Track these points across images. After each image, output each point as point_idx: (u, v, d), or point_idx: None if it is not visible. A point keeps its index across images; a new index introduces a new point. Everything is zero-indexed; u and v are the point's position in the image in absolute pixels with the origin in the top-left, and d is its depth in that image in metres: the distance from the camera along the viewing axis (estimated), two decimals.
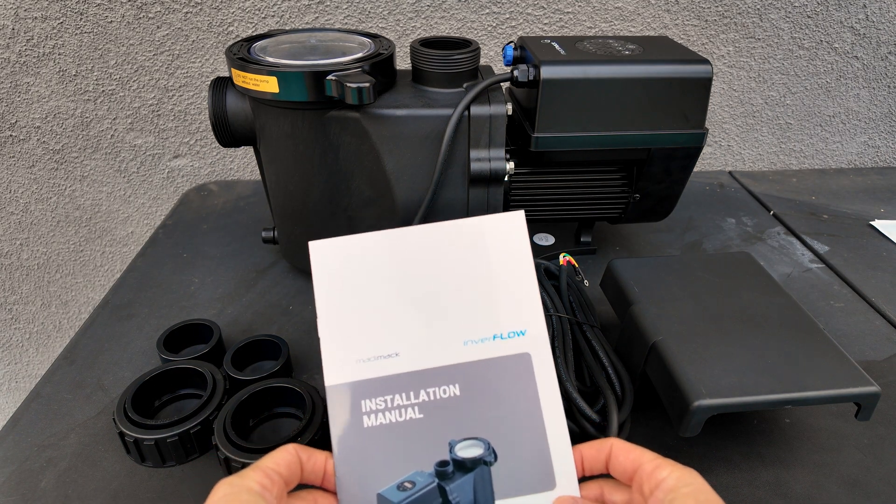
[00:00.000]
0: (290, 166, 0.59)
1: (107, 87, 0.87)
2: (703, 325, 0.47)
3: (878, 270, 0.71)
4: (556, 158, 0.63)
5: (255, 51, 0.57)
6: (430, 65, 0.58)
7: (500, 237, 0.37)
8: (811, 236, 0.79)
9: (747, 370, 0.43)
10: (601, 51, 0.60)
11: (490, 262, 0.37)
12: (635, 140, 0.60)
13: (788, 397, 0.41)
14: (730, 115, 0.97)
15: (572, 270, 0.58)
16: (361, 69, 0.53)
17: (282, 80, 0.52)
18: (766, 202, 0.87)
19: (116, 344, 0.59)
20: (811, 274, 0.71)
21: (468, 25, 0.87)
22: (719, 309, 0.49)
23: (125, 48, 0.84)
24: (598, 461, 0.35)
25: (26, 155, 0.88)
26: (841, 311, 0.64)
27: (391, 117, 0.56)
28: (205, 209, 0.84)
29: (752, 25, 0.89)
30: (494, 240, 0.37)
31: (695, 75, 0.57)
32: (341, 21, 0.85)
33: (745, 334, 0.46)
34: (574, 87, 0.57)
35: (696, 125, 0.60)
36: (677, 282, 0.52)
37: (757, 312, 0.49)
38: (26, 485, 0.44)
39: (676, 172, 0.64)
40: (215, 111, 0.58)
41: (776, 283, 0.53)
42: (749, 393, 0.41)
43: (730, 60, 0.92)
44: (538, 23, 0.87)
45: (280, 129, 0.57)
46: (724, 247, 0.76)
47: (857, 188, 0.93)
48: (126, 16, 0.82)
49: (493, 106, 0.57)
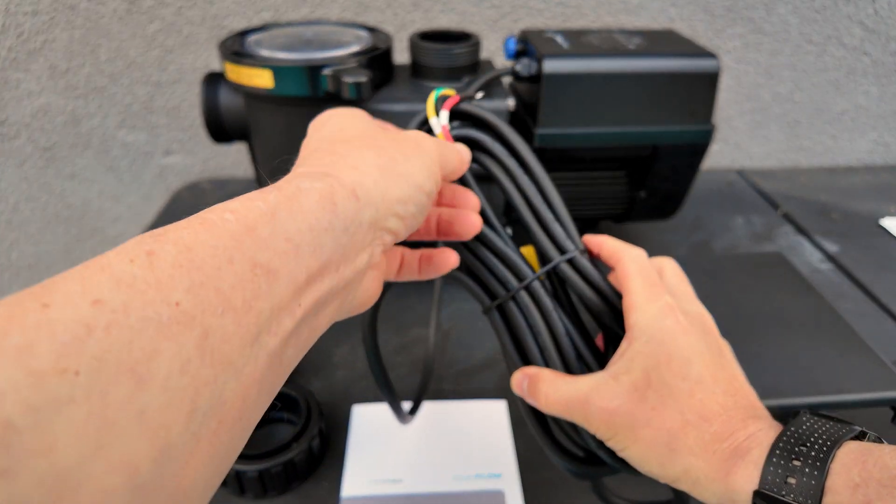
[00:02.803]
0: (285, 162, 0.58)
1: (98, 82, 0.85)
2: (736, 327, 0.46)
3: (888, 271, 0.70)
4: (559, 155, 0.61)
5: (248, 44, 0.56)
6: (430, 58, 0.56)
7: (489, 417, 0.50)
8: (821, 236, 0.77)
9: (781, 372, 0.42)
10: (605, 44, 0.58)
11: (479, 428, 0.49)
12: (641, 136, 0.58)
13: (824, 400, 0.40)
14: (738, 112, 0.95)
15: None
16: (358, 63, 0.52)
17: (276, 74, 0.51)
18: (776, 201, 0.86)
19: None
20: (821, 274, 0.69)
21: (469, 18, 0.85)
22: (752, 310, 0.48)
23: (117, 43, 0.82)
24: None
25: (16, 152, 0.86)
26: (851, 313, 0.62)
27: (389, 112, 0.54)
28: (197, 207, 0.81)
29: (760, 20, 0.87)
30: (483, 416, 0.50)
31: (702, 70, 0.56)
32: (337, 14, 0.83)
33: (778, 336, 0.46)
34: (578, 81, 0.55)
35: (704, 121, 0.58)
36: (708, 282, 0.52)
37: (790, 314, 0.48)
38: None
39: (683, 170, 0.62)
40: (208, 107, 0.57)
41: (808, 283, 0.52)
42: (783, 395, 0.40)
43: (737, 55, 0.90)
44: (540, 16, 0.85)
45: (275, 125, 0.55)
46: (732, 247, 0.75)
47: (868, 186, 0.91)
48: (118, 10, 0.80)
49: (494, 101, 0.55)
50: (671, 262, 0.35)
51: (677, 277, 0.34)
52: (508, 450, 0.47)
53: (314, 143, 0.28)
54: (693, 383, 0.28)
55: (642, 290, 0.31)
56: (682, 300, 0.33)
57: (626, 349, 0.30)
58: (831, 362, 0.43)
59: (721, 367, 0.30)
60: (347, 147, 0.26)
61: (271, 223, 0.20)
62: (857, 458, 0.23)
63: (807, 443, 0.24)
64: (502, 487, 0.44)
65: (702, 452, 0.26)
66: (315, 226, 0.22)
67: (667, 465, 0.28)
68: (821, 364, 0.43)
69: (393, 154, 0.26)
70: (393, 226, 0.26)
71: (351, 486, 0.44)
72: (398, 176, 0.26)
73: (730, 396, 0.28)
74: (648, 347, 0.29)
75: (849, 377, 0.42)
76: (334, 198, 0.23)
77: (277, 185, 0.23)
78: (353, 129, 0.28)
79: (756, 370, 0.42)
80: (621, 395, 0.29)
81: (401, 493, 0.44)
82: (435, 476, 0.45)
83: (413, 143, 0.28)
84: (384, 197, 0.25)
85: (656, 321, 0.30)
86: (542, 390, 0.32)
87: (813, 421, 0.26)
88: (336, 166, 0.25)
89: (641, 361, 0.29)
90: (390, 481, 0.45)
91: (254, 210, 0.21)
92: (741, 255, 0.57)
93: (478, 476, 0.45)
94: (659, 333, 0.30)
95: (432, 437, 0.48)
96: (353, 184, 0.24)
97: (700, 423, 0.27)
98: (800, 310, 0.49)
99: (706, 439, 0.27)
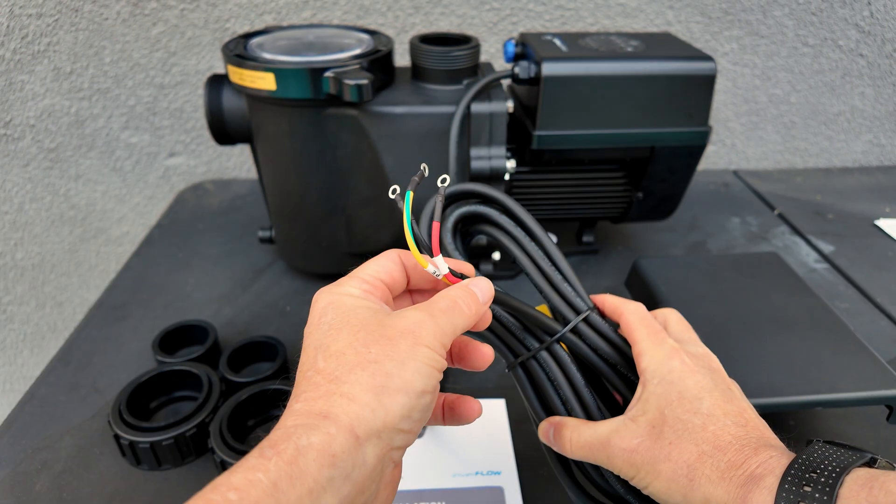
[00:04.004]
0: (288, 165, 0.58)
1: (102, 84, 0.86)
2: (732, 326, 0.47)
3: (883, 270, 0.70)
4: (557, 157, 0.62)
5: (251, 47, 0.57)
6: (430, 61, 0.57)
7: (489, 415, 0.51)
8: (816, 236, 0.78)
9: (777, 371, 0.43)
10: (603, 47, 0.59)
11: (479, 426, 0.49)
12: (638, 138, 0.59)
13: (819, 399, 0.41)
14: (734, 114, 0.96)
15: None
16: (360, 66, 0.52)
17: (279, 76, 0.51)
18: (771, 201, 0.86)
19: (111, 345, 0.58)
20: (816, 274, 0.70)
21: (468, 21, 0.86)
22: (748, 309, 0.49)
23: (120, 45, 0.83)
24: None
25: (21, 154, 0.87)
26: (846, 312, 0.63)
27: (390, 115, 0.55)
28: (201, 208, 0.83)
29: (757, 22, 0.88)
30: (483, 414, 0.50)
31: (698, 72, 0.56)
32: (339, 17, 0.84)
33: (774, 335, 0.46)
34: (576, 84, 0.56)
35: (700, 123, 0.59)
36: (705, 282, 0.52)
37: (786, 313, 0.49)
38: (21, 488, 0.44)
39: (680, 171, 0.63)
40: (211, 109, 0.57)
41: (804, 283, 0.52)
42: (780, 394, 0.41)
43: (734, 58, 0.91)
44: (540, 19, 0.86)
45: (277, 127, 0.56)
46: (729, 247, 0.75)
47: (863, 187, 0.92)
48: (121, 12, 0.81)
49: (493, 103, 0.56)
50: (674, 312, 0.38)
51: (681, 325, 0.37)
52: (508, 447, 0.48)
53: (309, 361, 0.27)
54: (705, 417, 0.30)
55: (648, 338, 0.34)
56: (687, 345, 0.35)
57: (641, 392, 0.33)
58: (827, 361, 0.44)
59: (730, 401, 0.31)
60: (341, 367, 0.25)
61: (274, 497, 0.21)
62: (865, 484, 0.24)
63: (817, 469, 0.26)
64: (501, 484, 0.45)
65: (719, 481, 0.28)
66: (314, 488, 0.22)
67: (689, 496, 0.29)
68: (817, 363, 0.43)
69: (388, 369, 0.25)
70: (399, 442, 0.26)
71: None
72: (396, 392, 0.25)
73: (741, 427, 0.30)
74: (661, 388, 0.32)
75: (844, 376, 0.42)
76: (332, 449, 0.23)
77: (275, 442, 0.23)
78: (346, 333, 0.27)
79: (752, 369, 0.43)
80: (640, 435, 0.31)
81: (401, 489, 0.44)
82: (435, 473, 0.46)
83: (410, 341, 0.26)
84: (385, 422, 0.24)
85: (664, 364, 0.33)
86: (566, 436, 0.34)
87: (825, 449, 0.27)
88: (332, 401, 0.24)
89: (655, 402, 0.32)
90: None
91: (256, 485, 0.21)
92: (737, 256, 0.57)
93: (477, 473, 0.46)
94: (669, 374, 0.32)
95: (432, 434, 0.49)
96: (351, 421, 0.24)
97: (715, 452, 0.29)
98: (796, 309, 0.49)
99: (722, 468, 0.28)
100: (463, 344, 0.33)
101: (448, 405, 0.33)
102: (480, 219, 0.37)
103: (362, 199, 0.59)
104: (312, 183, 0.59)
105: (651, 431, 0.31)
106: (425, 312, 0.28)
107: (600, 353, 0.36)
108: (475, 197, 0.37)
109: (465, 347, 0.33)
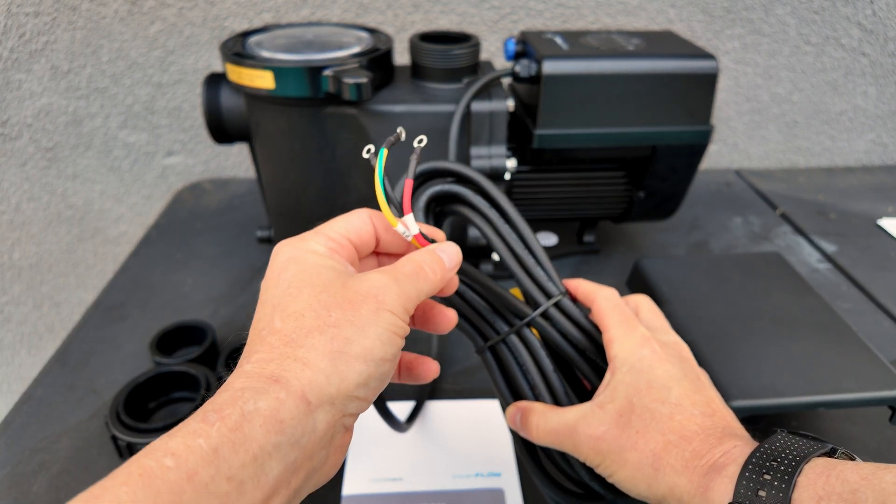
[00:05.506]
0: (286, 164, 0.58)
1: (99, 83, 0.85)
2: (734, 326, 0.47)
3: (886, 271, 0.70)
4: (558, 156, 0.61)
5: (250, 46, 0.56)
6: (430, 60, 0.56)
7: (488, 416, 0.50)
8: (819, 236, 0.77)
9: (780, 372, 0.42)
10: (604, 46, 0.58)
11: (478, 427, 0.49)
12: (639, 137, 0.59)
13: (822, 399, 0.41)
14: (736, 112, 0.96)
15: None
16: (359, 64, 0.52)
17: (277, 75, 0.51)
18: (774, 201, 0.86)
19: (108, 346, 0.58)
20: (819, 274, 0.70)
21: (468, 19, 0.85)
22: (750, 310, 0.49)
23: (118, 44, 0.83)
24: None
25: (18, 153, 0.86)
26: (849, 313, 0.63)
27: (389, 113, 0.55)
28: (199, 208, 0.83)
29: (759, 21, 0.87)
30: (483, 415, 0.51)
31: (700, 70, 0.56)
32: (338, 15, 0.83)
33: (776, 335, 0.46)
34: (577, 82, 0.55)
35: (702, 121, 0.58)
36: (707, 282, 0.52)
37: (788, 313, 0.48)
38: (18, 489, 0.44)
39: (682, 170, 0.63)
40: (209, 108, 0.57)
41: (807, 283, 0.52)
42: (782, 395, 0.41)
43: (736, 56, 0.90)
44: (540, 17, 0.86)
45: (276, 126, 0.56)
46: (731, 247, 0.75)
47: (865, 186, 0.91)
48: (119, 11, 0.80)
49: (493, 102, 0.56)
50: (646, 298, 0.38)
51: (653, 313, 0.37)
52: (508, 448, 0.48)
53: (265, 319, 0.26)
54: (672, 407, 0.30)
55: (619, 325, 0.34)
56: (658, 333, 0.35)
57: (610, 380, 0.32)
58: (830, 362, 0.43)
59: (698, 391, 0.31)
60: (299, 329, 0.24)
61: (214, 464, 0.20)
62: (822, 472, 0.24)
63: (777, 458, 0.26)
64: (502, 486, 0.45)
65: (683, 470, 0.28)
66: (259, 454, 0.21)
67: (653, 486, 0.29)
68: (819, 363, 0.43)
69: (348, 334, 0.24)
70: (353, 409, 0.25)
71: (352, 485, 0.45)
72: (354, 359, 0.24)
73: (707, 417, 0.30)
74: (630, 376, 0.32)
75: (847, 377, 0.42)
76: (281, 415, 0.22)
77: (220, 406, 0.22)
78: (306, 293, 0.25)
79: (754, 370, 0.42)
80: (607, 422, 0.31)
81: (401, 491, 0.44)
82: (435, 475, 0.45)
83: (372, 305, 0.25)
84: (340, 389, 0.23)
85: (635, 352, 0.32)
86: (533, 421, 0.34)
87: (787, 438, 0.27)
88: (285, 364, 0.23)
89: (624, 390, 0.31)
90: (391, 480, 0.45)
91: (195, 452, 0.20)
92: (739, 255, 0.57)
93: (477, 475, 0.45)
94: (638, 363, 0.32)
95: (432, 436, 0.49)
96: (303, 387, 0.23)
97: (680, 442, 0.29)
98: (798, 309, 0.49)
99: (686, 457, 0.28)
100: (427, 307, 0.32)
101: (406, 364, 0.32)
102: (454, 198, 0.36)
103: (361, 199, 0.59)
104: (311, 182, 0.58)
105: (618, 419, 0.30)
106: (389, 276, 0.27)
107: (570, 338, 0.35)
108: (449, 175, 0.36)
109: (429, 310, 0.32)
